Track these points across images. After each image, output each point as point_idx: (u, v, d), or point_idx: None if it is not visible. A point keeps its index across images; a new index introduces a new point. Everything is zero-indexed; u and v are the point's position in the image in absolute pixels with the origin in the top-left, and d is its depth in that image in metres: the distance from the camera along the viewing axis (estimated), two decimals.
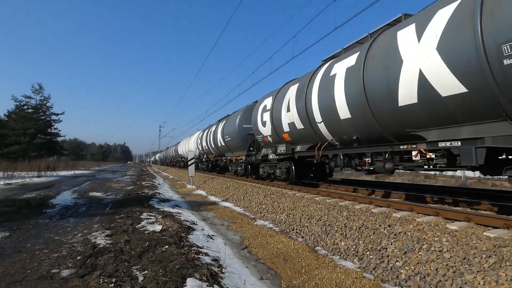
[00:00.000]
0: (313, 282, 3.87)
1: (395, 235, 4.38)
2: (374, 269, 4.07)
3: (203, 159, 24.35)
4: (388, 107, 5.41)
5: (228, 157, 17.09)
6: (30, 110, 40.23)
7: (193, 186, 16.67)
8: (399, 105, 5.14)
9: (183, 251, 4.47)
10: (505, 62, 3.55)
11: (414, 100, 4.86)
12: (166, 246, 4.68)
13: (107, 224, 6.32)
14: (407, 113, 5.12)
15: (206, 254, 4.61)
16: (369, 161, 6.66)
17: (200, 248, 4.90)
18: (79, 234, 5.58)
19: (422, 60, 4.58)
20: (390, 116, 5.49)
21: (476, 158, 4.24)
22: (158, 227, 5.97)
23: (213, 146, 19.84)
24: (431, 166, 5.38)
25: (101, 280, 3.38)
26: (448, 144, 4.60)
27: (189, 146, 28.62)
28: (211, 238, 5.87)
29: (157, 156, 62.65)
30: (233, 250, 5.27)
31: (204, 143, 22.26)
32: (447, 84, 4.28)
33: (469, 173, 17.16)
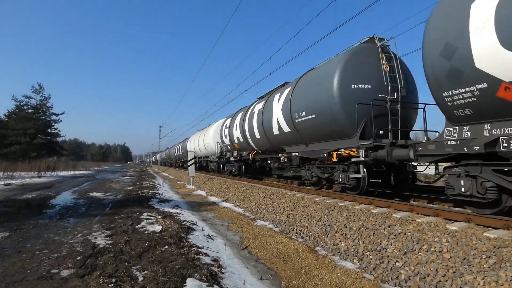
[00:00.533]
0: (313, 282, 3.87)
1: (395, 235, 4.38)
2: (374, 269, 4.07)
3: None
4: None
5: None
6: (30, 110, 40.23)
7: (193, 187, 16.67)
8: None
9: (183, 251, 4.47)
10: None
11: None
12: (166, 247, 4.68)
13: (107, 224, 6.32)
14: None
15: (206, 255, 4.60)
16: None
17: (200, 248, 4.90)
18: (79, 235, 5.58)
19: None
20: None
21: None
22: (158, 228, 5.96)
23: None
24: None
25: (101, 280, 3.38)
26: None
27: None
28: (211, 238, 5.86)
29: (158, 156, 62.15)
30: (233, 250, 5.27)
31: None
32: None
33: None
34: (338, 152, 7.10)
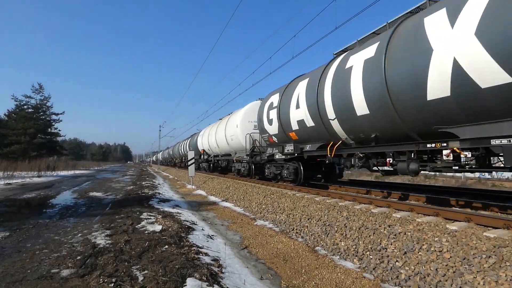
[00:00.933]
0: (313, 282, 3.87)
1: (395, 235, 4.38)
2: (374, 269, 4.07)
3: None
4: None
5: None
6: (30, 110, 40.24)
7: (193, 186, 16.68)
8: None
9: (183, 251, 4.48)
10: None
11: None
12: (166, 246, 4.68)
13: (107, 224, 6.32)
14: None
15: (206, 254, 4.61)
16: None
17: (200, 248, 4.90)
18: (79, 234, 5.58)
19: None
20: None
21: None
22: (158, 227, 5.97)
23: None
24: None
25: (101, 280, 3.38)
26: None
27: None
28: (211, 238, 5.87)
29: (159, 155, 61.77)
30: (233, 250, 5.27)
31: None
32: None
33: (469, 174, 17.13)
34: None
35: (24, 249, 4.71)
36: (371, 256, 4.30)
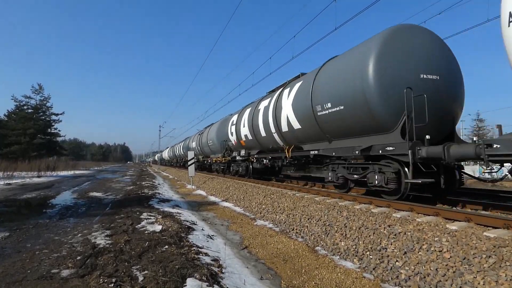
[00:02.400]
0: (313, 282, 3.87)
1: (395, 235, 4.38)
2: (374, 269, 4.07)
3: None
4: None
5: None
6: (30, 110, 40.30)
7: (193, 186, 16.68)
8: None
9: (183, 251, 4.48)
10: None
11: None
12: (166, 246, 4.68)
13: (107, 224, 6.32)
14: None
15: (206, 254, 4.61)
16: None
17: (200, 248, 4.90)
18: (79, 234, 5.58)
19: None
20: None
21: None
22: (158, 227, 5.97)
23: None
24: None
25: (101, 280, 3.38)
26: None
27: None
28: (211, 238, 5.87)
29: (159, 156, 61.64)
30: (233, 250, 5.27)
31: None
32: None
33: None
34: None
35: (24, 249, 4.71)
36: (371, 256, 4.30)
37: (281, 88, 10.36)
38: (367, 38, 6.80)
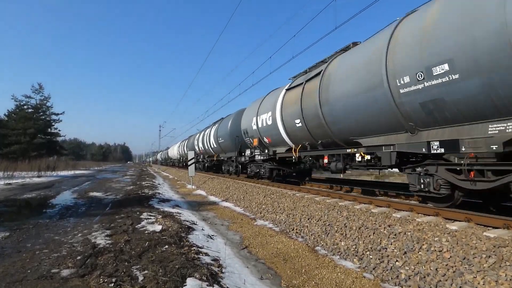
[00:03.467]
0: (313, 282, 3.87)
1: (395, 235, 4.38)
2: (374, 269, 4.07)
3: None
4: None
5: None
6: (30, 110, 40.25)
7: (193, 186, 16.68)
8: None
9: (183, 251, 4.48)
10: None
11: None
12: (166, 246, 4.68)
13: (107, 224, 6.32)
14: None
15: (206, 254, 4.61)
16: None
17: (200, 248, 4.90)
18: (79, 234, 5.58)
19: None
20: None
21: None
22: (158, 227, 5.97)
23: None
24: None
25: (101, 280, 3.38)
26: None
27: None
28: (211, 238, 5.87)
29: (159, 156, 61.31)
30: (233, 250, 5.27)
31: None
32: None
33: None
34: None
35: (24, 249, 4.71)
36: (371, 256, 4.30)
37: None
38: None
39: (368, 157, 6.35)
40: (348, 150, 6.93)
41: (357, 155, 6.67)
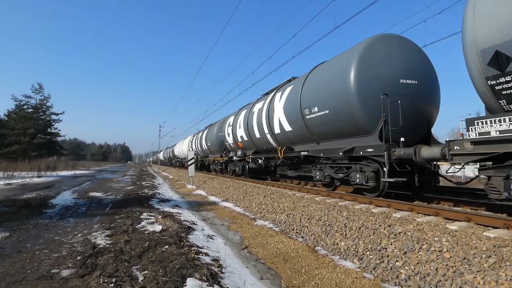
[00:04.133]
0: (313, 282, 3.87)
1: (395, 235, 4.38)
2: (374, 269, 4.07)
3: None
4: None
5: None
6: (30, 110, 40.24)
7: (193, 186, 16.68)
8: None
9: (183, 251, 4.48)
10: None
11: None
12: (166, 246, 4.68)
13: (107, 224, 6.32)
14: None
15: (206, 254, 4.61)
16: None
17: (200, 248, 4.90)
18: (79, 234, 5.58)
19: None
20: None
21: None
22: (158, 227, 5.97)
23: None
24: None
25: (101, 280, 3.38)
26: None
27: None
28: (211, 238, 5.87)
29: (159, 155, 61.08)
30: (233, 250, 5.27)
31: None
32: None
33: (470, 173, 17.22)
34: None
35: (24, 249, 4.71)
36: (371, 256, 4.30)
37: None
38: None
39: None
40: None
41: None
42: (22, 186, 15.33)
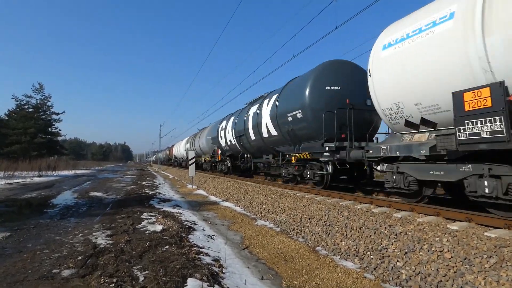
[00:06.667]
0: (314, 282, 3.87)
1: (396, 235, 4.38)
2: (374, 269, 4.07)
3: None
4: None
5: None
6: (30, 110, 40.28)
7: (193, 186, 16.68)
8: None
9: (184, 251, 4.48)
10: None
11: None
12: (167, 246, 4.68)
13: (107, 224, 6.32)
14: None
15: (207, 254, 4.61)
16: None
17: (201, 248, 4.90)
18: (80, 234, 5.58)
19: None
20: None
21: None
22: (158, 227, 5.97)
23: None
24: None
25: (101, 280, 3.38)
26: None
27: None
28: (212, 238, 5.87)
29: (160, 155, 61.05)
30: (234, 250, 5.27)
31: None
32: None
33: None
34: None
35: (25, 249, 4.72)
36: (371, 256, 4.30)
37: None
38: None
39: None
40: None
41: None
42: (23, 186, 15.35)
